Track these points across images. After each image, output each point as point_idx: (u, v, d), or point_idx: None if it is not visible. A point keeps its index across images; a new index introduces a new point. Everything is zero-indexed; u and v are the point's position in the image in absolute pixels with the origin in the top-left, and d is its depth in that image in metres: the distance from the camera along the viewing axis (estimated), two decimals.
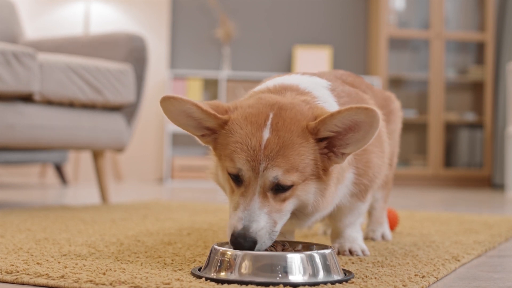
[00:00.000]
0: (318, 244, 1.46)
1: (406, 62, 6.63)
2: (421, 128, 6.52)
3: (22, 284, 1.31)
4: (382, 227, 2.10)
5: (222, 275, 1.30)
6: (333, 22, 6.69)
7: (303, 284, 1.27)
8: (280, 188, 1.35)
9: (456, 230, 2.34)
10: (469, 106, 6.65)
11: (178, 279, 1.30)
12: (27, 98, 2.88)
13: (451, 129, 6.55)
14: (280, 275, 1.27)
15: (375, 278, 1.38)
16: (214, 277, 1.30)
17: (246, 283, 1.26)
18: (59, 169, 5.08)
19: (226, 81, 6.19)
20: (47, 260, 1.51)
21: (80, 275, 1.32)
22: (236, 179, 1.37)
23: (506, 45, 6.29)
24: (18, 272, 1.36)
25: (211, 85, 6.40)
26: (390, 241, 2.03)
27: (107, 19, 6.37)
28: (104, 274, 1.35)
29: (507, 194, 5.12)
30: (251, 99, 1.45)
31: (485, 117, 6.38)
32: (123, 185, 5.51)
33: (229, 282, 1.27)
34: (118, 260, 1.55)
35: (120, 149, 3.31)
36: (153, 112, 6.36)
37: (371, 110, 1.30)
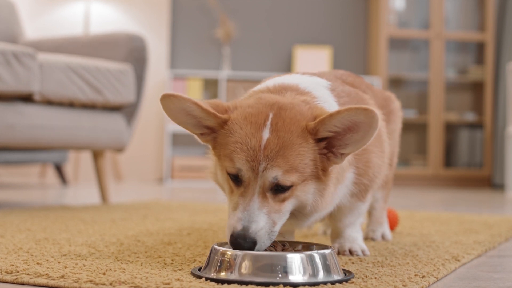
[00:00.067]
0: (318, 244, 1.46)
1: (406, 62, 6.63)
2: (421, 128, 6.52)
3: (22, 284, 1.31)
4: (382, 227, 2.10)
5: (222, 275, 1.30)
6: (333, 22, 6.69)
7: (303, 284, 1.27)
8: (280, 189, 1.35)
9: (456, 230, 2.34)
10: (469, 106, 6.65)
11: (178, 279, 1.30)
12: (27, 98, 2.88)
13: (451, 129, 6.55)
14: (280, 275, 1.27)
15: (375, 278, 1.38)
16: (214, 277, 1.30)
17: (246, 283, 1.26)
18: (59, 169, 5.08)
19: (226, 81, 6.19)
20: (47, 260, 1.51)
21: (80, 275, 1.32)
22: (236, 179, 1.36)
23: (506, 45, 6.29)
24: (18, 272, 1.36)
25: (211, 85, 6.40)
26: (390, 241, 2.03)
27: (107, 19, 6.37)
28: (104, 274, 1.35)
29: (507, 194, 5.12)
30: (251, 99, 1.45)
31: (485, 117, 6.38)
32: (123, 185, 5.51)
33: (229, 282, 1.27)
34: (118, 260, 1.55)
35: (120, 149, 3.31)
36: (153, 112, 6.36)
37: (370, 111, 1.30)
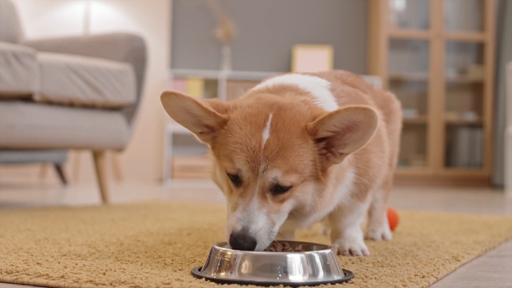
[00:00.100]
0: (318, 244, 1.46)
1: (406, 62, 6.63)
2: (421, 128, 6.51)
3: (22, 284, 1.31)
4: (382, 227, 2.10)
5: (222, 275, 1.30)
6: (333, 22, 6.69)
7: (303, 284, 1.27)
8: (279, 189, 1.34)
9: (456, 230, 2.34)
10: (469, 106, 6.65)
11: (178, 279, 1.30)
12: (27, 98, 2.88)
13: (451, 129, 6.55)
14: (280, 275, 1.27)
15: (375, 278, 1.37)
16: (214, 277, 1.30)
17: (246, 283, 1.26)
18: (59, 169, 5.08)
19: (226, 81, 6.19)
20: (47, 260, 1.51)
21: (80, 275, 1.32)
22: (235, 180, 1.36)
23: (506, 45, 6.29)
24: (18, 272, 1.36)
25: (211, 85, 6.40)
26: (390, 241, 2.03)
27: (107, 19, 6.37)
28: (104, 274, 1.35)
29: (507, 194, 5.12)
30: (250, 99, 1.44)
31: (485, 117, 6.38)
32: (123, 185, 5.51)
33: (229, 282, 1.27)
34: (118, 260, 1.55)
35: (120, 149, 3.31)
36: (153, 112, 6.36)
37: (370, 110, 1.30)
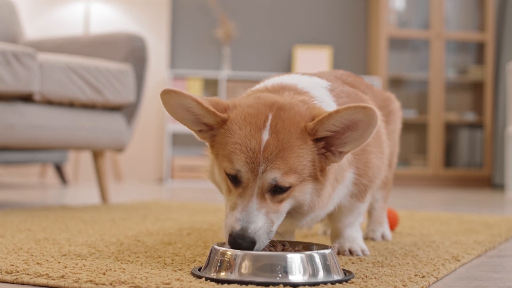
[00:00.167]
0: (318, 244, 1.46)
1: (406, 62, 6.63)
2: (421, 128, 6.51)
3: (22, 284, 1.31)
4: (382, 227, 2.10)
5: (222, 275, 1.30)
6: (333, 22, 6.69)
7: (303, 284, 1.27)
8: (278, 190, 1.34)
9: (456, 230, 2.34)
10: (469, 106, 6.65)
11: (178, 279, 1.30)
12: (27, 98, 2.88)
13: (451, 129, 6.55)
14: (280, 275, 1.27)
15: (375, 278, 1.38)
16: (214, 277, 1.30)
17: (246, 283, 1.26)
18: (59, 169, 5.08)
19: (226, 81, 6.19)
20: (47, 260, 1.51)
21: (80, 275, 1.32)
22: (234, 180, 1.36)
23: (506, 45, 6.29)
24: (18, 272, 1.36)
25: (211, 85, 6.40)
26: (390, 241, 2.03)
27: (107, 19, 6.37)
28: (104, 274, 1.35)
29: (507, 194, 5.12)
30: (250, 98, 1.44)
31: (485, 117, 6.38)
32: (123, 185, 5.51)
33: (229, 282, 1.27)
34: (118, 260, 1.55)
35: (120, 149, 3.31)
36: (153, 112, 6.36)
37: (369, 109, 1.30)
